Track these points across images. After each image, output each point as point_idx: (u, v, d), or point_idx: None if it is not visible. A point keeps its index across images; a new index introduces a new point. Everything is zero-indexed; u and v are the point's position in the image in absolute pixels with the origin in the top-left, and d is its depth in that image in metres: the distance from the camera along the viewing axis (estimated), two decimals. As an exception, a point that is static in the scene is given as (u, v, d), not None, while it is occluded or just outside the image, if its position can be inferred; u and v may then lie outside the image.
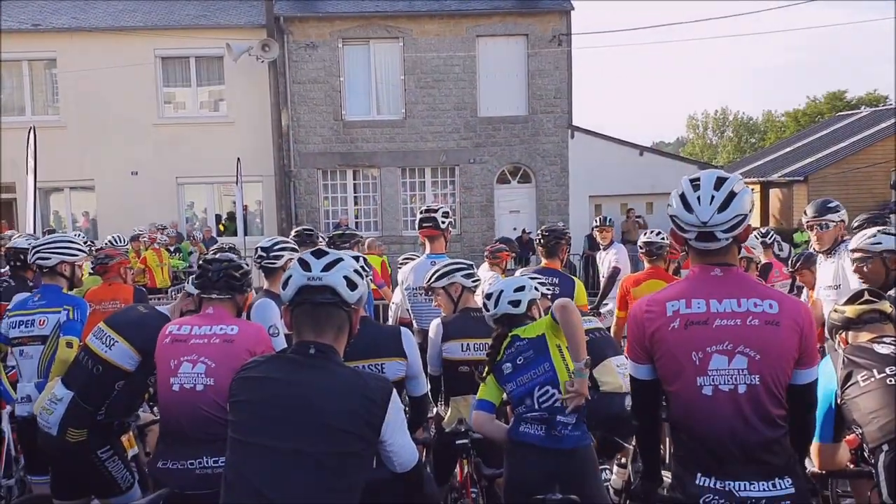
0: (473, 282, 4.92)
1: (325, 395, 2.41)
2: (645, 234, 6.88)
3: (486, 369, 3.92)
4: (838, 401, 3.07)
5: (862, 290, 3.44)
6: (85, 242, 7.02)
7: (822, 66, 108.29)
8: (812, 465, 3.33)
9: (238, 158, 17.82)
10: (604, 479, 4.52)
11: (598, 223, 9.62)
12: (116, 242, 8.91)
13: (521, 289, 4.02)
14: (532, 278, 4.47)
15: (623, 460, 4.93)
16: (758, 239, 8.64)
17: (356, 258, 3.90)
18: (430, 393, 4.85)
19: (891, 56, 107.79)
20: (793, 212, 24.51)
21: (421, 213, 6.05)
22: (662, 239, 6.61)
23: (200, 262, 4.25)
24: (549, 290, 5.27)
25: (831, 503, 4.48)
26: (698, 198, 2.72)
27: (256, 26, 20.75)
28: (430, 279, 4.96)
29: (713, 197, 2.70)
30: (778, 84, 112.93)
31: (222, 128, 21.07)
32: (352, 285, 2.57)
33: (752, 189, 27.63)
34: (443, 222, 5.99)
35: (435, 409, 4.80)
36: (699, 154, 58.50)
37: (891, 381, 2.96)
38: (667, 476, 2.95)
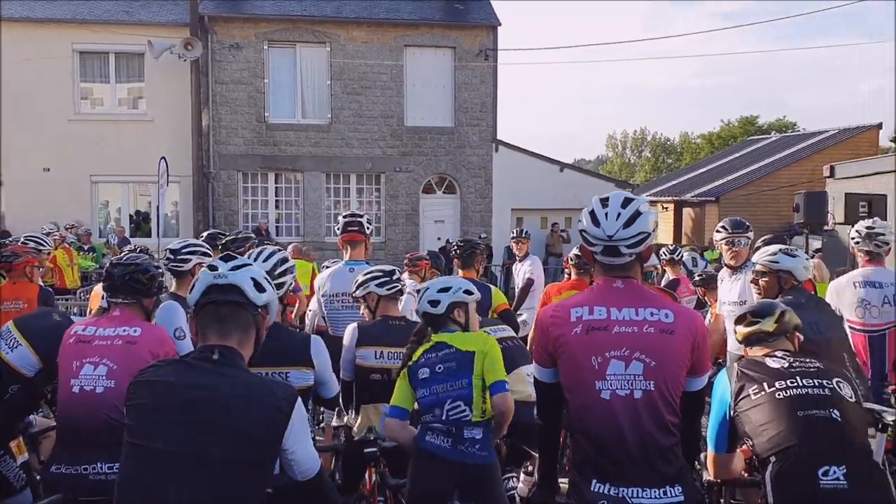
0: (389, 290, 4.89)
1: (228, 401, 2.39)
2: (578, 247, 7.09)
3: (401, 365, 3.90)
4: (732, 413, 3.20)
5: (745, 313, 3.60)
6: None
7: (736, 91, 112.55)
8: (708, 473, 3.47)
9: (163, 158, 17.41)
10: (511, 486, 4.58)
11: (514, 235, 9.78)
12: (39, 241, 8.51)
13: (445, 290, 4.00)
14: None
15: (530, 468, 5.00)
16: (665, 256, 8.98)
17: (284, 259, 3.87)
18: (341, 399, 4.84)
19: (797, 84, 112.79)
20: (704, 230, 25.36)
21: (345, 217, 5.99)
22: None
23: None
24: None
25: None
26: (606, 214, 2.86)
27: (179, 24, 20.34)
28: (353, 289, 4.95)
29: (619, 214, 2.84)
30: (695, 107, 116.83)
31: (141, 126, 20.57)
32: (259, 287, 2.56)
33: (667, 207, 28.64)
34: (368, 227, 5.97)
35: (345, 417, 4.78)
36: (618, 172, 59.87)
37: (780, 394, 3.08)
38: (564, 482, 3.03)
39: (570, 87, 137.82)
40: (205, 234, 7.01)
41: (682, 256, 9.34)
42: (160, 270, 4.02)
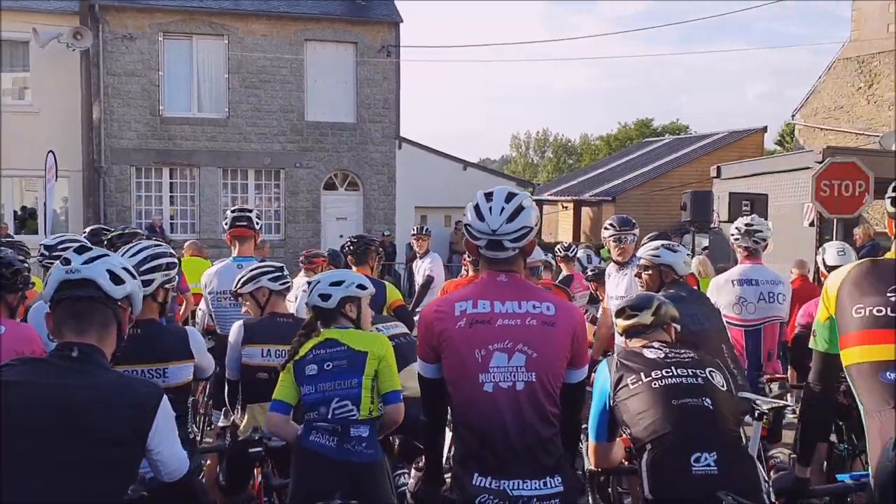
0: (281, 285, 4.82)
1: (88, 400, 2.28)
2: (464, 241, 7.13)
3: (287, 359, 3.80)
4: (611, 402, 3.27)
5: (624, 306, 3.69)
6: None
7: (634, 95, 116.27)
8: (589, 462, 3.54)
9: (51, 151, 16.59)
10: (402, 483, 4.56)
11: (414, 232, 9.77)
12: None
13: (337, 284, 3.91)
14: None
15: (421, 464, 4.99)
16: (560, 253, 9.18)
17: (156, 255, 3.68)
18: (227, 399, 4.72)
19: (690, 89, 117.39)
20: (601, 229, 26.05)
21: (233, 212, 5.87)
22: None
23: None
24: None
25: (612, 500, 4.77)
26: (490, 208, 2.87)
27: (68, 13, 19.49)
28: (237, 284, 4.83)
29: (503, 208, 2.86)
30: (595, 109, 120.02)
31: (26, 118, 19.54)
32: (116, 280, 2.44)
33: (566, 207, 29.26)
34: (257, 223, 5.84)
35: (232, 417, 4.66)
36: (521, 172, 60.76)
37: (656, 384, 3.17)
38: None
39: (475, 85, 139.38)
40: (87, 229, 6.72)
41: (576, 253, 9.55)
42: (26, 265, 3.81)
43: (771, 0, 25.31)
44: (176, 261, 3.82)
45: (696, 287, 6.01)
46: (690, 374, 3.21)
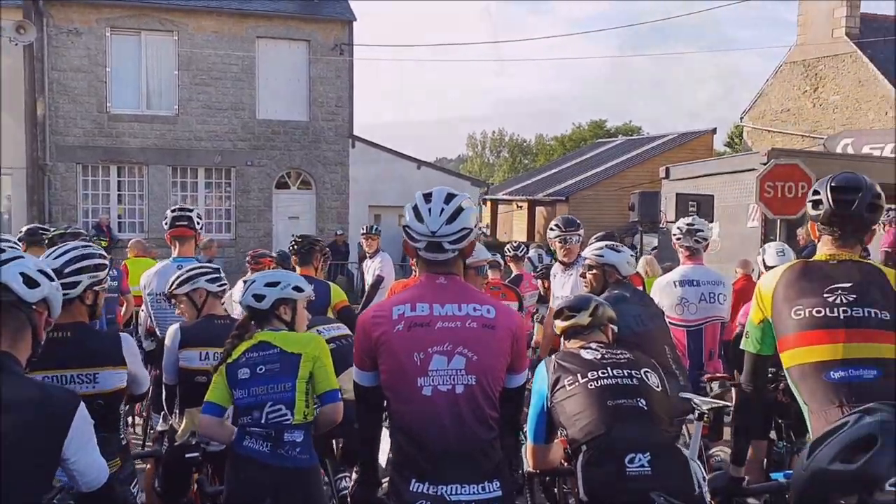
0: (219, 286, 4.73)
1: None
2: (402, 242, 7.08)
3: (219, 362, 3.72)
4: (549, 404, 3.27)
5: (562, 307, 3.70)
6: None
7: (588, 96, 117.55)
8: (528, 464, 3.53)
9: (-6, 148, 16.15)
10: (343, 486, 4.52)
11: (364, 231, 9.70)
12: None
13: (273, 284, 3.82)
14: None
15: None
16: (510, 252, 9.21)
17: (81, 257, 3.55)
18: (164, 403, 4.62)
19: (643, 91, 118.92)
20: (553, 229, 26.23)
21: (173, 211, 5.77)
22: None
23: None
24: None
25: (557, 500, 4.79)
26: (429, 209, 2.84)
27: (11, 6, 18.96)
28: (171, 285, 4.72)
29: (443, 209, 2.83)
30: (550, 109, 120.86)
31: (-34, 113, 19.02)
32: (30, 283, 2.36)
33: (521, 206, 29.37)
34: (198, 223, 5.74)
35: (170, 422, 4.56)
36: (478, 172, 60.84)
37: (592, 385, 3.18)
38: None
39: (430, 85, 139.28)
40: (23, 228, 6.53)
41: (525, 253, 9.57)
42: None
43: (729, 2, 25.63)
44: (107, 262, 3.70)
45: (641, 287, 6.07)
46: (626, 374, 3.22)
